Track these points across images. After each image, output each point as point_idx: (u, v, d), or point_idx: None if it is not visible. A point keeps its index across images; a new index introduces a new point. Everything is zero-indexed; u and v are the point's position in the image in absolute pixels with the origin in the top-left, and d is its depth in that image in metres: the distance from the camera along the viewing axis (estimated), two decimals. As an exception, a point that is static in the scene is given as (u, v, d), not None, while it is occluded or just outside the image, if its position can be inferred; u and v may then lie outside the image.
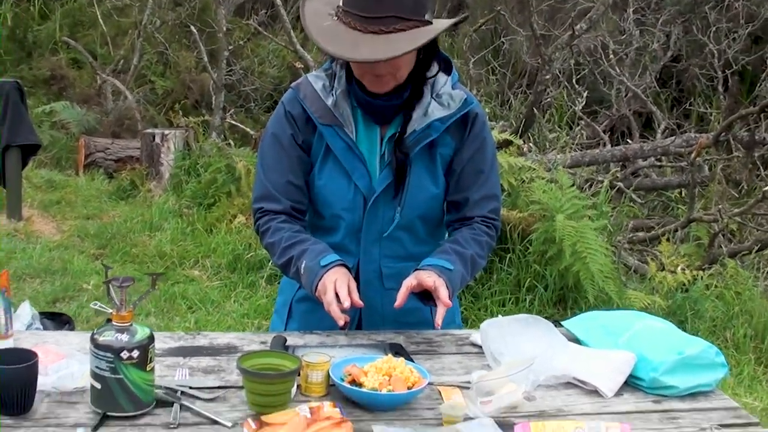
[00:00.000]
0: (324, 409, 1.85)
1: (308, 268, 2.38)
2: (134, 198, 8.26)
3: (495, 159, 2.60)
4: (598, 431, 1.91)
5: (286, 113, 2.50)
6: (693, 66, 10.31)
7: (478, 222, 2.56)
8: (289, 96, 2.52)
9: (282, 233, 2.48)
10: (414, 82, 2.44)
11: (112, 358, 1.90)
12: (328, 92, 2.45)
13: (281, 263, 2.49)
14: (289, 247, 2.45)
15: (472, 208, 2.56)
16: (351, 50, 2.24)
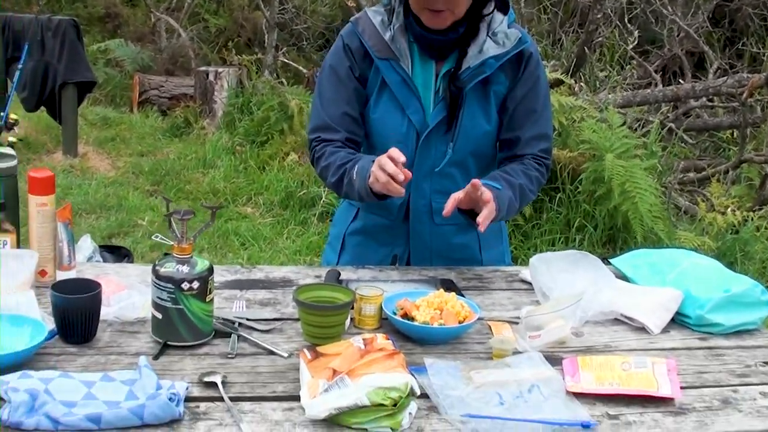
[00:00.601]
0: (377, 341, 1.91)
1: (360, 168, 2.40)
2: (187, 135, 8.35)
3: (548, 99, 2.62)
4: (644, 366, 1.95)
5: (344, 46, 2.54)
6: (746, 5, 10.14)
7: (529, 159, 2.59)
8: (347, 29, 2.57)
9: (337, 155, 2.52)
10: (470, 19, 2.46)
11: (173, 289, 1.97)
12: (386, 27, 2.49)
13: (334, 180, 2.51)
14: (342, 164, 2.48)
15: (523, 146, 2.59)
16: None
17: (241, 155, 7.48)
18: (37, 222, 2.35)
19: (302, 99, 7.65)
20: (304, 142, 7.26)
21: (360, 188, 2.41)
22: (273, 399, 1.80)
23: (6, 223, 2.35)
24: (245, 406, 1.76)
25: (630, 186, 5.31)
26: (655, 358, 1.99)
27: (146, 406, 1.68)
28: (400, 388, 1.71)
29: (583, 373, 1.94)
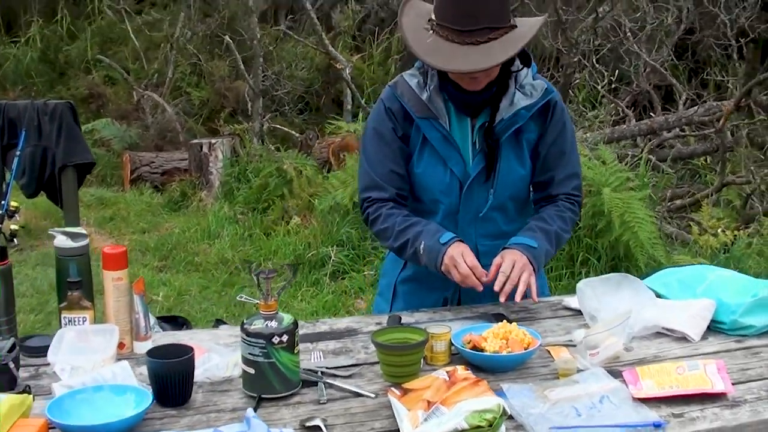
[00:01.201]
0: (459, 372, 2.12)
1: (428, 248, 2.65)
2: (186, 208, 8.54)
3: (574, 140, 2.87)
4: (696, 368, 2.18)
5: (386, 109, 2.77)
6: (707, 37, 10.50)
7: (562, 199, 2.84)
8: (387, 93, 2.79)
9: (394, 218, 2.75)
10: (501, 77, 2.70)
11: (264, 344, 2.16)
12: (422, 88, 2.71)
13: (397, 246, 2.75)
14: (403, 231, 2.72)
15: (557, 186, 2.84)
16: (453, 62, 2.53)
17: (244, 223, 7.68)
18: (114, 296, 2.51)
19: (299, 163, 7.88)
20: (305, 205, 7.48)
21: (428, 265, 2.68)
22: (373, 436, 2.00)
23: (84, 299, 2.49)
24: (349, 443, 1.96)
25: (629, 217, 5.58)
26: (705, 359, 2.22)
27: (265, 452, 1.86)
28: (494, 409, 1.92)
29: (644, 381, 2.16)
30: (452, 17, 2.54)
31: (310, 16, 10.36)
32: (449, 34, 2.54)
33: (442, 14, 2.57)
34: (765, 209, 7.01)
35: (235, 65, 11.45)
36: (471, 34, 2.51)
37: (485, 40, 2.52)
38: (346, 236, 6.83)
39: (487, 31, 2.52)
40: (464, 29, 2.51)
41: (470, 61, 2.51)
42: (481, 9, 2.52)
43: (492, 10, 2.53)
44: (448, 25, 2.54)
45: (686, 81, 10.31)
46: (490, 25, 2.52)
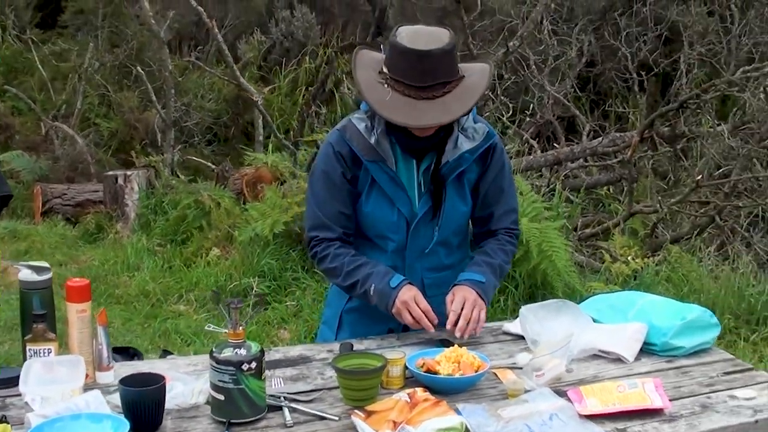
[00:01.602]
0: (418, 393, 2.27)
1: (379, 290, 2.80)
2: (102, 240, 8.50)
3: (512, 178, 3.06)
4: (635, 386, 2.37)
5: (335, 153, 2.88)
6: (608, 69, 10.89)
7: (502, 233, 3.03)
8: (335, 137, 2.90)
9: (342, 258, 2.89)
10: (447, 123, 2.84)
11: (234, 371, 2.27)
12: (370, 132, 2.84)
13: (346, 285, 2.90)
14: (351, 272, 2.86)
15: (496, 221, 3.02)
16: (413, 118, 2.67)
17: (163, 255, 7.70)
18: (78, 328, 2.60)
19: (216, 194, 7.95)
20: (224, 236, 7.54)
21: (378, 305, 2.84)
22: (342, 454, 2.14)
23: (48, 332, 2.56)
24: (320, 464, 2.09)
25: (546, 246, 5.80)
26: (642, 378, 2.42)
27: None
28: (457, 427, 2.08)
29: (588, 399, 2.34)
30: (407, 73, 2.66)
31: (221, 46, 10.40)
32: (404, 89, 2.67)
33: (396, 70, 2.69)
34: (672, 237, 7.33)
35: (144, 96, 11.46)
36: (426, 89, 2.66)
37: (440, 95, 2.67)
38: (267, 267, 6.91)
39: (441, 85, 2.67)
40: (420, 85, 2.65)
41: (429, 116, 2.66)
42: (435, 66, 2.66)
43: (445, 65, 2.68)
44: (403, 80, 2.67)
45: (588, 112, 10.66)
46: (444, 79, 2.68)
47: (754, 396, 2.43)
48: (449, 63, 2.70)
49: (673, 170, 9.34)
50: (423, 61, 2.65)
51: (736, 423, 2.30)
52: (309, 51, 12.62)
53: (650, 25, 10.20)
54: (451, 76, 2.70)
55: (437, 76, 2.67)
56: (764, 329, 5.97)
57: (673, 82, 9.52)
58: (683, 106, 8.63)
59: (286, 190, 7.45)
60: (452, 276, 3.01)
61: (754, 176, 7.93)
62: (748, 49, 9.43)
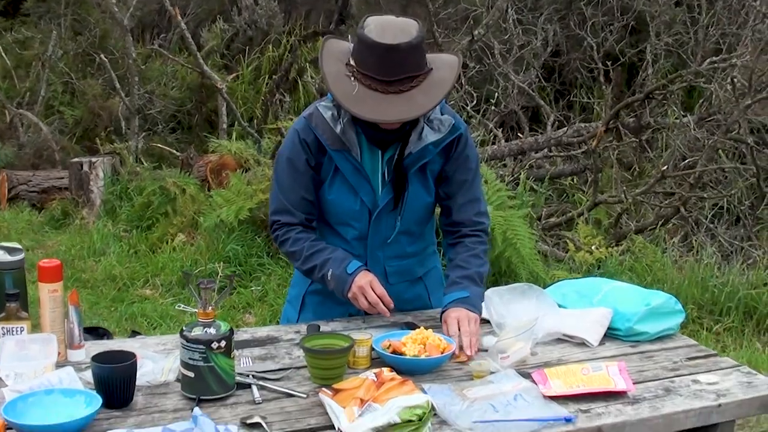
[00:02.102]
0: (385, 373, 2.30)
1: (336, 276, 2.82)
2: (68, 226, 8.45)
3: (477, 168, 3.04)
4: (599, 369, 2.42)
5: (300, 140, 2.88)
6: (573, 59, 10.93)
7: (468, 234, 3.00)
8: (302, 124, 2.90)
9: (302, 243, 2.91)
10: None
11: (204, 349, 2.30)
12: (336, 121, 2.83)
13: (305, 269, 2.92)
14: (310, 256, 2.89)
15: (458, 211, 3.00)
16: (379, 112, 2.66)
17: (129, 240, 7.68)
18: (50, 307, 2.63)
19: (181, 181, 7.94)
20: (189, 223, 7.54)
21: (335, 291, 2.85)
22: (310, 430, 2.17)
23: (21, 311, 2.60)
24: (289, 438, 2.12)
25: (511, 234, 5.85)
26: (607, 362, 2.46)
27: (215, 446, 2.01)
28: (423, 405, 2.11)
29: (553, 381, 2.38)
30: (374, 67, 2.66)
31: (184, 34, 10.37)
32: (372, 83, 2.66)
33: (364, 63, 2.68)
34: (636, 227, 7.42)
35: (108, 84, 11.39)
36: (394, 84, 2.65)
37: (407, 89, 2.67)
38: (232, 253, 6.91)
39: (408, 79, 2.67)
40: (387, 79, 2.65)
41: (397, 111, 2.66)
42: (402, 59, 2.66)
43: (412, 59, 2.68)
44: (370, 74, 2.66)
45: (553, 102, 10.68)
46: (412, 73, 2.67)
47: (717, 381, 2.48)
48: (417, 56, 2.69)
49: (638, 161, 9.39)
50: (391, 54, 2.65)
51: (699, 406, 2.35)
52: (272, 39, 12.59)
53: (616, 14, 10.19)
54: (419, 69, 2.69)
55: (405, 70, 2.66)
56: (727, 319, 6.05)
57: (639, 73, 9.60)
58: (649, 97, 8.68)
59: (250, 178, 7.45)
60: (415, 263, 3.07)
61: (719, 167, 8.01)
62: (715, 39, 9.49)
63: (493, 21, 8.67)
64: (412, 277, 3.06)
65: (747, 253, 7.22)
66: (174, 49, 12.06)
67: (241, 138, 9.49)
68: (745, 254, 7.19)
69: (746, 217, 7.87)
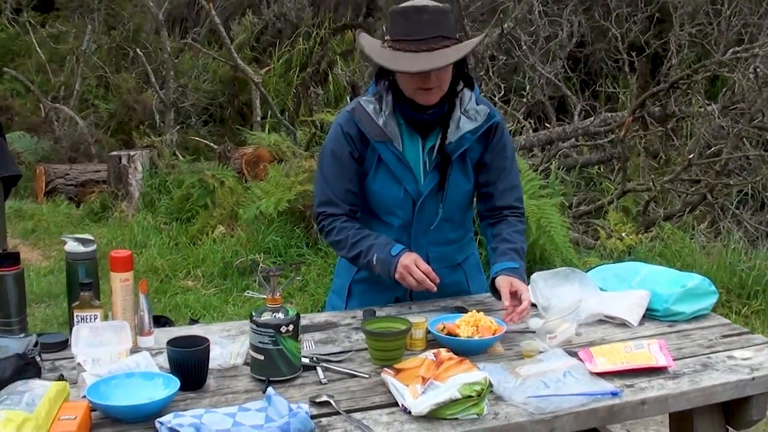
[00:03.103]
0: (442, 353, 2.47)
1: (381, 260, 2.99)
2: (107, 220, 8.67)
3: (514, 156, 3.23)
4: (641, 347, 2.59)
5: (344, 133, 3.07)
6: (598, 50, 11.04)
7: (509, 215, 3.19)
8: (345, 118, 3.08)
9: (347, 231, 3.07)
10: (449, 97, 3.03)
11: (273, 333, 2.47)
12: (378, 113, 3.02)
13: (351, 256, 3.08)
14: (355, 243, 3.05)
15: (499, 198, 3.18)
16: (414, 65, 2.84)
17: (169, 233, 7.88)
18: (121, 296, 2.81)
19: (220, 173, 8.14)
20: (228, 214, 7.73)
21: (381, 274, 3.01)
22: (376, 408, 2.33)
23: (94, 299, 2.78)
24: (356, 416, 2.28)
25: (545, 222, 6.02)
26: (647, 340, 2.63)
27: (290, 423, 2.16)
28: (481, 381, 2.28)
29: (598, 359, 2.55)
30: (408, 30, 2.85)
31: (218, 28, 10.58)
32: (406, 45, 2.85)
33: (398, 30, 2.88)
34: (665, 215, 7.56)
35: (141, 78, 11.62)
36: (426, 41, 2.84)
37: (439, 47, 2.85)
38: (272, 244, 7.10)
39: (440, 38, 2.85)
40: (420, 38, 2.84)
41: (428, 62, 2.83)
42: (434, 21, 2.85)
43: (442, 21, 2.87)
44: (405, 37, 2.86)
45: (579, 92, 10.80)
46: (443, 34, 2.86)
47: (751, 356, 2.65)
48: (446, 21, 2.89)
49: (664, 149, 9.53)
50: (421, 15, 2.85)
51: (735, 380, 2.53)
52: (302, 32, 12.76)
53: (640, 6, 10.33)
54: (448, 33, 2.88)
55: (434, 29, 2.85)
56: (755, 303, 6.21)
57: (663, 63, 9.71)
58: (674, 87, 8.83)
59: (288, 170, 7.63)
60: (456, 250, 3.24)
61: (744, 155, 8.14)
62: (737, 30, 9.60)
63: (521, 14, 8.81)
64: (452, 263, 3.23)
65: (772, 238, 7.37)
66: (203, 43, 12.26)
67: (273, 130, 9.68)
68: (771, 239, 7.34)
69: (772, 203, 8.02)
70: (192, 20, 13.26)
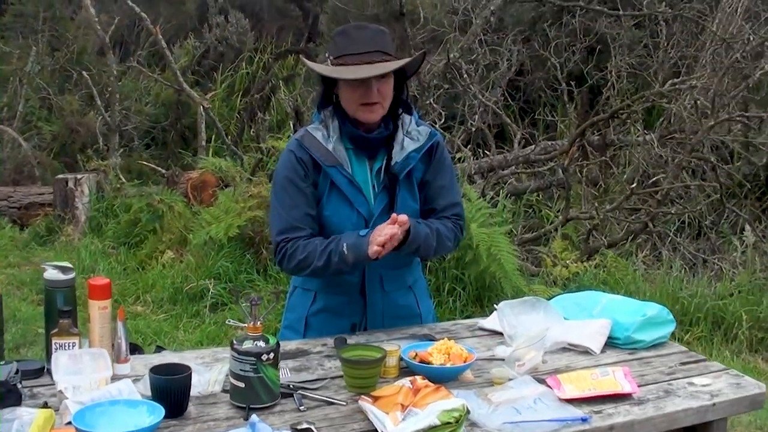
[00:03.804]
0: (419, 380, 2.56)
1: (351, 245, 3.03)
2: (52, 243, 8.62)
3: (454, 174, 3.36)
4: (607, 374, 2.71)
5: (297, 159, 3.14)
6: (538, 79, 11.26)
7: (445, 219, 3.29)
8: (295, 145, 3.16)
9: (313, 243, 3.10)
10: (391, 116, 3.17)
11: (254, 361, 2.54)
12: (327, 139, 3.14)
13: (322, 264, 3.07)
14: (324, 248, 3.07)
15: (439, 214, 3.28)
16: (355, 73, 3.00)
17: (117, 257, 7.87)
18: (99, 323, 2.87)
19: (168, 198, 8.15)
20: (177, 239, 7.74)
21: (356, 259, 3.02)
22: (356, 434, 2.42)
23: (72, 327, 2.83)
24: (337, 442, 2.37)
25: (495, 249, 6.15)
26: (612, 366, 2.75)
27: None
28: (459, 408, 2.37)
29: (566, 386, 2.66)
30: (349, 46, 3.03)
31: (164, 52, 10.62)
32: (348, 59, 3.02)
33: (340, 48, 3.05)
34: (608, 242, 7.76)
35: (85, 100, 11.57)
36: (368, 54, 3.01)
37: (379, 60, 3.01)
38: (222, 269, 7.13)
39: (380, 53, 3.02)
40: (362, 52, 3.01)
41: (370, 70, 2.99)
42: (374, 39, 3.05)
43: (382, 39, 3.07)
44: (348, 52, 3.03)
45: (519, 120, 10.98)
46: (383, 50, 3.04)
47: (710, 383, 2.79)
48: (385, 39, 3.09)
49: (603, 178, 9.75)
50: (361, 31, 3.07)
51: (696, 406, 2.66)
52: (245, 57, 12.83)
53: (579, 36, 10.59)
54: (387, 49, 3.06)
55: (374, 45, 3.03)
56: (696, 329, 6.41)
57: (602, 92, 9.95)
58: (613, 116, 9.07)
59: (238, 195, 7.67)
60: (407, 272, 3.33)
61: (685, 185, 8.38)
62: (674, 61, 9.89)
63: (466, 45, 8.99)
64: (404, 285, 3.31)
65: (711, 265, 7.59)
66: (144, 66, 12.25)
67: (216, 154, 9.72)
68: (709, 267, 7.56)
69: (710, 231, 8.25)
70: (133, 42, 13.22)
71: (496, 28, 11.02)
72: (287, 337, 3.36)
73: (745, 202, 8.81)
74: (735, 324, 6.50)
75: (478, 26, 9.26)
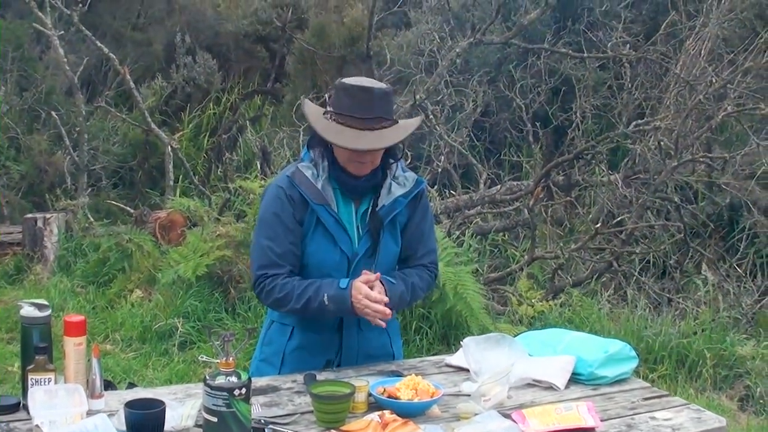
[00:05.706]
0: (387, 415, 2.63)
1: (333, 297, 3.14)
2: (21, 282, 8.60)
3: (432, 221, 3.49)
4: (571, 408, 2.79)
5: (287, 196, 3.23)
6: (503, 120, 11.41)
7: (421, 268, 3.41)
8: (285, 182, 3.25)
9: (291, 284, 3.20)
10: (381, 167, 3.27)
11: (227, 396, 2.59)
12: (316, 178, 3.23)
13: (300, 306, 3.18)
14: (302, 292, 3.17)
15: (416, 260, 3.41)
16: (354, 143, 3.08)
17: (86, 296, 7.88)
18: (74, 360, 2.92)
19: (137, 238, 8.18)
20: (146, 279, 7.77)
21: (336, 312, 3.17)
22: (325, 466, 2.49)
23: (48, 363, 2.89)
24: (308, 473, 2.43)
25: (461, 288, 6.23)
26: (576, 401, 2.84)
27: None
28: (427, 441, 2.45)
29: (531, 420, 2.74)
30: (351, 107, 3.10)
31: (133, 93, 10.70)
32: (349, 120, 3.10)
33: (342, 106, 3.12)
34: (573, 281, 7.87)
35: (53, 140, 11.56)
36: (368, 121, 3.09)
37: (379, 127, 3.10)
38: (191, 308, 7.15)
39: (379, 119, 3.11)
40: (363, 117, 3.09)
41: (368, 142, 3.09)
42: (375, 104, 3.11)
43: (384, 104, 3.15)
44: (348, 113, 3.10)
45: (485, 160, 11.09)
46: (383, 116, 3.12)
47: (671, 417, 2.88)
48: (388, 103, 3.18)
49: (568, 217, 9.88)
50: (366, 95, 3.12)
51: (659, 441, 2.74)
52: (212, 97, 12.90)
53: (544, 77, 10.76)
54: (387, 115, 3.15)
55: (377, 111, 3.11)
56: (661, 368, 6.50)
57: (567, 133, 10.09)
58: (578, 157, 9.22)
59: (206, 235, 7.71)
60: None
61: (649, 225, 8.52)
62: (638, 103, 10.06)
63: (433, 87, 9.13)
64: (379, 325, 3.38)
65: (675, 304, 7.71)
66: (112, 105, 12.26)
67: (184, 194, 9.77)
68: (674, 306, 7.68)
69: (674, 270, 8.37)
70: (101, 83, 13.26)
71: (462, 69, 11.13)
72: (264, 370, 3.41)
73: (710, 242, 8.95)
74: (699, 362, 6.59)
75: (443, 68, 9.41)
